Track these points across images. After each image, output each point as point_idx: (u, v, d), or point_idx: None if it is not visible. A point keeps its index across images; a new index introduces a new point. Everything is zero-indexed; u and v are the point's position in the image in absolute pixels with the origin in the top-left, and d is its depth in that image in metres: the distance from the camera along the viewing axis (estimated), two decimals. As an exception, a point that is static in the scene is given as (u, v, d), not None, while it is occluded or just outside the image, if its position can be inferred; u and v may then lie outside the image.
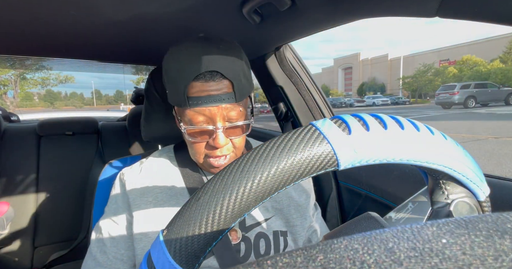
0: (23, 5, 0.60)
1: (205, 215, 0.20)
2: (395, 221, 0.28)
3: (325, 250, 0.12)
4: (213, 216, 0.20)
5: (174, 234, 0.21)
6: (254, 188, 0.20)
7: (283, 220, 0.61)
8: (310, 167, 0.21)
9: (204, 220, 0.20)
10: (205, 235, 0.20)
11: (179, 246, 0.20)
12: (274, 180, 0.20)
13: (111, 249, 0.56)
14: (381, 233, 0.13)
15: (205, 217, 0.20)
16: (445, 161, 0.24)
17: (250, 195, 0.20)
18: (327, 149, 0.21)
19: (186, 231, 0.20)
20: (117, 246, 0.56)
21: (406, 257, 0.11)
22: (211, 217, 0.20)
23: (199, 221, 0.20)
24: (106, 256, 0.56)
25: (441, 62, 39.96)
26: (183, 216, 0.21)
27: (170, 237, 0.21)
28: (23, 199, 1.40)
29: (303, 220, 0.63)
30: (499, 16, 0.41)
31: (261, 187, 0.20)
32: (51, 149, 1.51)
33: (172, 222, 0.22)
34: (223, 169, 0.22)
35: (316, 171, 0.21)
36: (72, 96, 79.56)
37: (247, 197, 0.20)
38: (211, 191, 0.21)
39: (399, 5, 0.52)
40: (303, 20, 0.70)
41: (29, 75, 25.18)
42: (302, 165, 0.21)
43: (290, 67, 1.06)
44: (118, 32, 0.79)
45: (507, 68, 25.36)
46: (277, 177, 0.20)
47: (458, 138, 6.21)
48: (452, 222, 0.14)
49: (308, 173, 0.21)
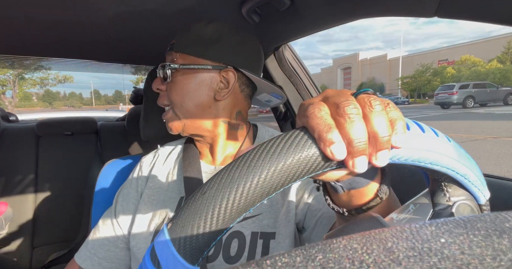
0: (22, 5, 0.59)
1: (210, 209, 0.20)
2: (396, 222, 0.28)
3: (324, 250, 0.13)
4: (218, 210, 0.20)
5: (179, 227, 0.21)
6: (261, 182, 0.20)
7: (271, 220, 0.54)
8: (317, 164, 0.21)
9: (209, 214, 0.20)
10: (210, 229, 0.20)
11: (183, 240, 0.20)
12: (281, 175, 0.21)
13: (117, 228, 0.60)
14: (380, 233, 0.14)
15: (211, 211, 0.20)
16: (449, 163, 0.24)
17: (256, 190, 0.20)
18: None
19: (191, 224, 0.20)
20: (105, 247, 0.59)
21: (405, 257, 0.11)
22: (217, 211, 0.20)
23: (204, 215, 0.20)
24: (115, 233, 0.60)
25: (440, 62, 40.04)
26: (189, 210, 0.21)
27: (175, 230, 0.21)
28: (22, 199, 1.40)
29: (287, 222, 0.54)
30: (498, 16, 0.41)
31: (267, 182, 0.20)
32: (49, 149, 1.50)
33: (177, 215, 0.21)
34: (229, 163, 0.22)
35: (320, 168, 0.22)
36: (71, 96, 79.37)
37: (253, 192, 0.20)
38: (217, 185, 0.21)
39: (398, 5, 0.52)
40: (302, 20, 0.70)
41: (27, 75, 25.15)
42: (310, 161, 0.21)
43: (289, 67, 1.06)
44: (117, 32, 0.78)
45: (505, 68, 25.44)
46: (283, 172, 0.20)
47: (457, 138, 6.23)
48: (450, 221, 0.14)
49: (315, 169, 0.21)
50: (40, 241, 1.42)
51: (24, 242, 1.38)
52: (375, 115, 0.21)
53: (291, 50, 1.05)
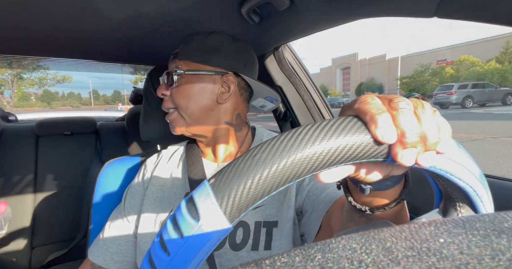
0: (20, 4, 0.59)
1: (260, 171, 0.20)
2: None
3: (323, 250, 0.13)
4: (267, 174, 0.20)
5: (224, 184, 0.21)
6: (312, 158, 0.21)
7: (273, 210, 0.57)
8: (365, 151, 0.21)
9: (258, 175, 0.20)
10: (255, 190, 0.20)
11: (227, 196, 0.20)
12: (330, 155, 0.21)
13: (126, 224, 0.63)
14: (379, 233, 0.14)
15: (260, 173, 0.20)
16: (473, 183, 0.24)
17: (303, 164, 0.21)
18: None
19: (238, 183, 0.20)
20: (116, 242, 0.61)
21: (404, 257, 0.11)
22: (265, 174, 0.20)
23: (253, 176, 0.20)
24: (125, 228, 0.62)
25: (439, 63, 40.09)
26: (236, 169, 0.21)
27: (219, 186, 0.21)
28: (21, 199, 1.39)
29: (288, 208, 0.57)
30: (497, 16, 0.41)
31: (314, 160, 0.21)
32: (49, 149, 1.50)
33: (221, 173, 0.21)
34: (285, 134, 0.22)
35: (367, 156, 0.22)
36: (70, 96, 79.04)
37: (300, 165, 0.21)
38: (270, 150, 0.21)
39: (397, 6, 0.52)
40: (302, 20, 0.70)
41: (26, 75, 25.08)
42: (360, 146, 0.21)
43: (289, 68, 1.06)
44: (116, 31, 0.78)
45: (503, 68, 25.48)
46: (333, 152, 0.21)
47: (457, 138, 6.21)
48: (449, 221, 0.14)
49: (362, 156, 0.22)
50: (40, 241, 1.42)
51: (24, 242, 1.38)
52: (427, 116, 0.22)
53: (290, 50, 1.05)
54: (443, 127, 0.22)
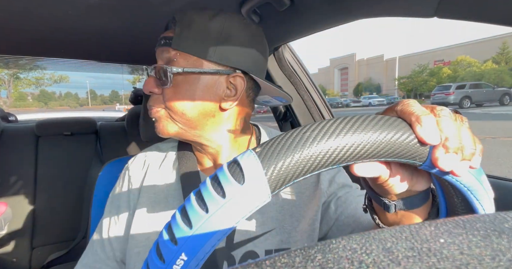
0: (18, 4, 0.59)
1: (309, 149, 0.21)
2: None
3: (323, 250, 0.13)
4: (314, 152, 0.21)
5: (272, 154, 0.21)
6: (358, 147, 0.21)
7: (284, 235, 0.50)
8: (407, 150, 0.21)
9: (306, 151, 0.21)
10: (302, 165, 0.21)
11: (274, 165, 0.20)
12: (375, 146, 0.21)
13: (108, 248, 0.55)
14: (380, 233, 0.14)
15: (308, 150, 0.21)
16: (485, 201, 0.25)
17: (349, 151, 0.21)
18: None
19: (285, 156, 0.21)
20: (112, 246, 0.55)
21: (404, 257, 0.11)
22: (312, 152, 0.21)
23: (300, 151, 0.21)
24: (105, 253, 0.55)
25: (436, 63, 40.20)
26: (285, 142, 0.21)
27: (266, 155, 0.21)
28: (21, 199, 1.39)
29: (310, 240, 0.53)
30: (497, 16, 0.41)
31: (360, 148, 0.21)
32: (49, 149, 1.49)
33: (268, 145, 0.22)
34: (334, 119, 0.22)
35: (407, 156, 0.22)
36: (67, 96, 78.68)
37: (344, 153, 0.21)
38: (320, 130, 0.21)
39: (397, 6, 0.52)
40: (302, 20, 0.71)
41: (23, 75, 25.00)
42: (402, 143, 0.21)
43: (289, 68, 1.06)
44: (114, 31, 0.78)
45: (500, 69, 25.62)
46: (378, 144, 0.21)
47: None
48: (450, 222, 0.14)
49: (402, 155, 0.22)
50: (40, 241, 1.42)
51: (23, 243, 1.38)
52: (466, 129, 0.23)
53: (290, 50, 1.05)
54: (477, 141, 0.23)
